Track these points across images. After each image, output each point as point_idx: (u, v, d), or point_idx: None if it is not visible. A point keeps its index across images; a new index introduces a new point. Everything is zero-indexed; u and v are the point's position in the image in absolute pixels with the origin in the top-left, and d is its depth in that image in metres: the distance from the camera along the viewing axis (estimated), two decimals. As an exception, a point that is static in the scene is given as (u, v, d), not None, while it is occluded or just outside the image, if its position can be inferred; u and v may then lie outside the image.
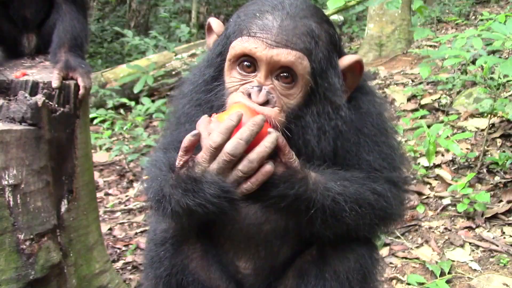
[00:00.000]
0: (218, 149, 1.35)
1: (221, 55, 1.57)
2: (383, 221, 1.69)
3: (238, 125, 1.36)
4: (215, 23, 1.68)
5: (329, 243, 1.63)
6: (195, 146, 1.41)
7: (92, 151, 2.96)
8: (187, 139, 1.39)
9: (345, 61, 1.59)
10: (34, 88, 2.29)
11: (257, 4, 1.55)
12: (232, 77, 1.54)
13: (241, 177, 1.36)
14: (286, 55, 1.45)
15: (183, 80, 1.82)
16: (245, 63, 1.51)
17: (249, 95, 1.48)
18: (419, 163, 4.19)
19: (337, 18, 9.07)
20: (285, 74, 1.49)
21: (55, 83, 2.31)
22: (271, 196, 1.41)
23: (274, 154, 1.41)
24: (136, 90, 6.37)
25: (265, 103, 1.47)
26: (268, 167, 1.38)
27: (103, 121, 5.67)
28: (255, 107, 1.44)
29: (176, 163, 1.42)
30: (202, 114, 1.56)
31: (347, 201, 1.50)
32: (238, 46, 1.49)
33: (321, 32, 1.52)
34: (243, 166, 1.35)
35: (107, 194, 4.86)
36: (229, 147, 1.33)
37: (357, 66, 1.61)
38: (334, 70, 1.54)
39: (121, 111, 6.17)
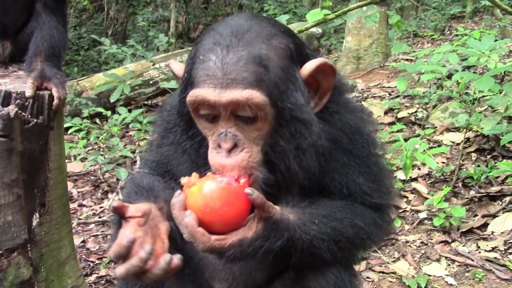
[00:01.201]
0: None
1: (185, 103, 1.50)
2: (363, 249, 1.70)
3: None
4: (176, 68, 1.61)
5: (307, 267, 1.61)
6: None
7: (66, 161, 2.89)
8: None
9: (308, 68, 1.49)
10: (6, 98, 2.21)
11: (204, 40, 1.48)
12: (202, 127, 1.51)
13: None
14: (237, 95, 1.37)
15: (165, 102, 1.80)
16: (205, 112, 1.46)
17: (219, 146, 1.44)
18: (396, 177, 4.22)
19: (315, 30, 9.14)
20: (243, 113, 1.42)
21: (28, 93, 2.25)
22: (250, 253, 1.40)
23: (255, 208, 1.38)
24: (112, 99, 6.29)
25: (234, 146, 1.43)
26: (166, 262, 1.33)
27: (78, 131, 5.57)
28: (223, 162, 1.41)
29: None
30: (190, 161, 1.61)
31: (324, 240, 1.48)
32: (191, 99, 1.44)
33: (270, 53, 1.42)
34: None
35: (81, 205, 4.76)
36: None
37: (324, 67, 1.50)
38: (294, 86, 1.45)
39: (97, 120, 6.08)
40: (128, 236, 1.30)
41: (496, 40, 4.22)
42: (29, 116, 2.25)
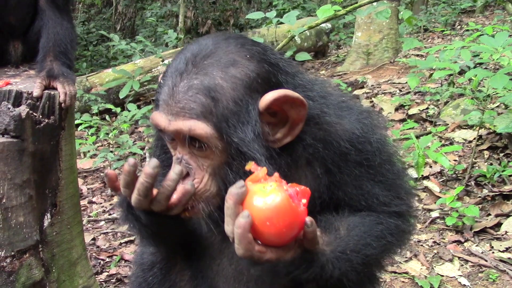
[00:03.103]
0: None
1: None
2: (388, 259, 1.67)
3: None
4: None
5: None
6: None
7: (76, 156, 2.87)
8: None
9: (265, 100, 1.40)
10: (17, 98, 2.21)
11: (173, 61, 1.46)
12: (168, 146, 1.52)
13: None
14: (180, 125, 1.37)
15: None
16: (165, 136, 1.48)
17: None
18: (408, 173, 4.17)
19: (324, 25, 9.06)
20: (193, 141, 1.40)
21: (36, 92, 2.24)
22: (278, 274, 1.36)
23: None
24: (121, 95, 6.28)
25: (187, 175, 1.42)
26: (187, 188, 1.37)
27: (88, 127, 5.57)
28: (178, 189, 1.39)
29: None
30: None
31: (354, 270, 1.43)
32: (151, 121, 1.46)
33: (224, 83, 1.37)
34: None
35: (90, 202, 4.77)
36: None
37: (288, 99, 1.41)
38: (246, 120, 1.39)
39: (106, 116, 6.07)
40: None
41: (510, 36, 4.16)
42: (41, 116, 2.24)
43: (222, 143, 1.38)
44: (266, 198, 1.24)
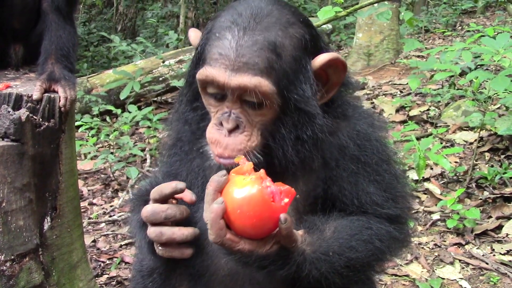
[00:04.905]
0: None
1: (195, 75, 1.50)
2: (379, 267, 1.65)
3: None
4: (192, 35, 1.61)
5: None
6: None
7: (77, 158, 2.87)
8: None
9: (320, 60, 1.48)
10: (17, 101, 2.20)
11: (222, 17, 1.46)
12: (207, 103, 1.51)
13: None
14: (246, 81, 1.37)
15: (173, 112, 1.79)
16: (213, 91, 1.46)
17: (221, 123, 1.46)
18: (408, 176, 4.17)
19: (325, 26, 9.05)
20: (250, 98, 1.41)
21: (35, 95, 2.24)
22: (252, 267, 1.37)
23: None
24: (122, 96, 6.28)
25: (236, 127, 1.44)
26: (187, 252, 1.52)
27: (88, 129, 5.57)
28: (221, 140, 1.44)
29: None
30: (191, 133, 1.61)
31: (336, 272, 1.42)
32: (201, 76, 1.44)
33: (285, 41, 1.42)
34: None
35: (91, 204, 4.76)
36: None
37: (336, 62, 1.49)
38: (304, 78, 1.45)
39: (107, 118, 6.07)
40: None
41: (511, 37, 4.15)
42: (41, 120, 2.24)
43: (281, 99, 1.43)
44: (241, 188, 1.29)
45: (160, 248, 1.49)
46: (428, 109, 5.56)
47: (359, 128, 1.59)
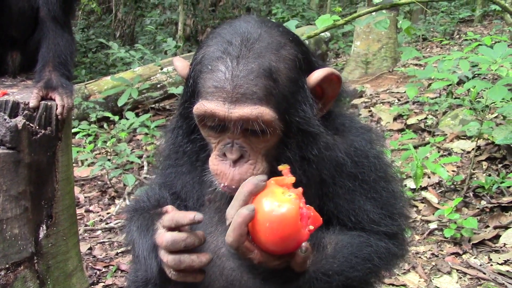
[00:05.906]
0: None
1: (189, 108, 1.46)
2: (376, 281, 1.64)
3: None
4: (179, 66, 1.57)
5: None
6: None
7: (74, 165, 2.86)
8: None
9: (315, 77, 1.45)
10: (14, 109, 2.20)
11: (212, 47, 1.42)
12: (206, 135, 1.48)
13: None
14: (247, 112, 1.34)
15: (171, 121, 1.77)
16: (212, 124, 1.42)
17: (224, 154, 1.43)
18: (405, 185, 4.16)
19: (323, 34, 9.07)
20: (253, 127, 1.38)
21: (32, 103, 2.23)
22: (257, 276, 1.38)
23: None
24: (120, 103, 6.27)
25: (240, 157, 1.42)
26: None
27: (86, 135, 5.55)
28: (227, 172, 1.42)
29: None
30: (189, 162, 1.59)
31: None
32: (199, 112, 1.40)
33: (279, 65, 1.38)
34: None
35: (87, 211, 4.74)
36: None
37: (331, 77, 1.46)
38: (302, 98, 1.42)
39: (104, 124, 6.06)
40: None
41: (509, 47, 4.17)
42: (37, 127, 2.23)
43: (283, 124, 1.41)
44: (279, 203, 1.25)
45: (174, 273, 1.46)
46: (426, 118, 5.57)
47: (357, 145, 1.57)
